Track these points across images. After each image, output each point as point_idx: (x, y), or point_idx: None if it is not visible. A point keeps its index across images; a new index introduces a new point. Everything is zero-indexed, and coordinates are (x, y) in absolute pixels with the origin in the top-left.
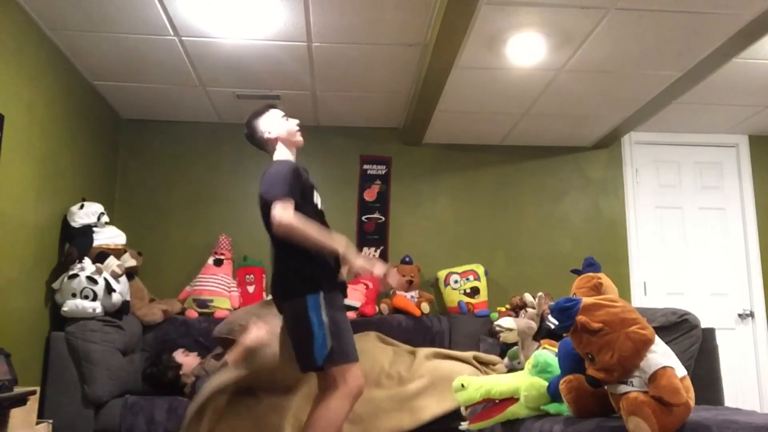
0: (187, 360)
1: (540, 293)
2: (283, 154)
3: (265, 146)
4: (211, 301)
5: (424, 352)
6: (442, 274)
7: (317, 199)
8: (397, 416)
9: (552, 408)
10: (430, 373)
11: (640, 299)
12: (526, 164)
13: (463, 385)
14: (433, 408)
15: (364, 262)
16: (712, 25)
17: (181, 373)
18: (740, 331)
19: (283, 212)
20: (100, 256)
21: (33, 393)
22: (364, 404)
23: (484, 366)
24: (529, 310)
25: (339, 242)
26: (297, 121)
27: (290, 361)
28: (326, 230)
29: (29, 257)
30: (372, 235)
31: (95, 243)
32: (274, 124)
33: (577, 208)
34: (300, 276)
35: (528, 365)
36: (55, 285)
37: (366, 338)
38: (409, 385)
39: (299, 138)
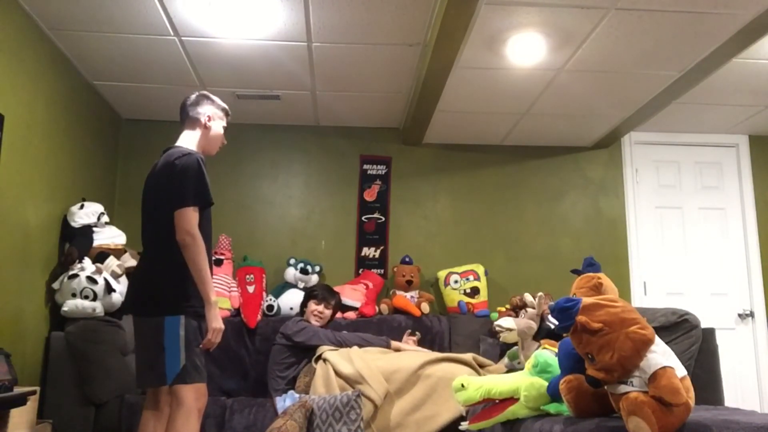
0: None
1: (540, 293)
2: (193, 142)
3: (188, 122)
4: None
5: (420, 359)
6: (442, 274)
7: None
8: None
9: (552, 408)
10: (428, 380)
11: (640, 299)
12: (526, 164)
13: (463, 385)
14: (438, 418)
15: (213, 317)
16: (712, 25)
17: None
18: (740, 331)
19: (193, 223)
20: (100, 256)
21: (33, 393)
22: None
23: (480, 368)
24: (529, 310)
25: (212, 289)
26: (222, 137)
27: None
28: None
29: (29, 257)
30: (372, 235)
31: (95, 243)
32: (216, 123)
33: (577, 208)
34: (177, 292)
35: (528, 365)
36: (55, 285)
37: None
38: (409, 394)
39: (215, 149)
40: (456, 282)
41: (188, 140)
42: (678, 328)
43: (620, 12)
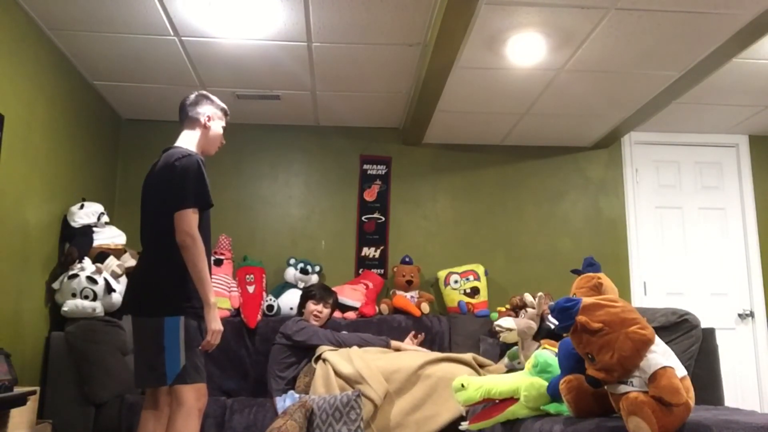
0: None
1: (540, 293)
2: (192, 142)
3: (187, 122)
4: None
5: (420, 359)
6: (442, 274)
7: None
8: None
9: (552, 408)
10: (428, 380)
11: (640, 299)
12: (526, 164)
13: (463, 385)
14: (438, 418)
15: (212, 319)
16: (712, 25)
17: None
18: (740, 331)
19: (193, 224)
20: (100, 256)
21: (33, 393)
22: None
23: (480, 368)
24: (529, 310)
25: (211, 291)
26: (221, 137)
27: None
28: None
29: (29, 257)
30: (372, 235)
31: (95, 243)
32: (216, 123)
33: (577, 208)
34: (177, 293)
35: (528, 365)
36: (55, 285)
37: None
38: (409, 394)
39: (214, 149)
40: (456, 282)
41: (188, 140)
42: (678, 328)
43: (620, 12)
